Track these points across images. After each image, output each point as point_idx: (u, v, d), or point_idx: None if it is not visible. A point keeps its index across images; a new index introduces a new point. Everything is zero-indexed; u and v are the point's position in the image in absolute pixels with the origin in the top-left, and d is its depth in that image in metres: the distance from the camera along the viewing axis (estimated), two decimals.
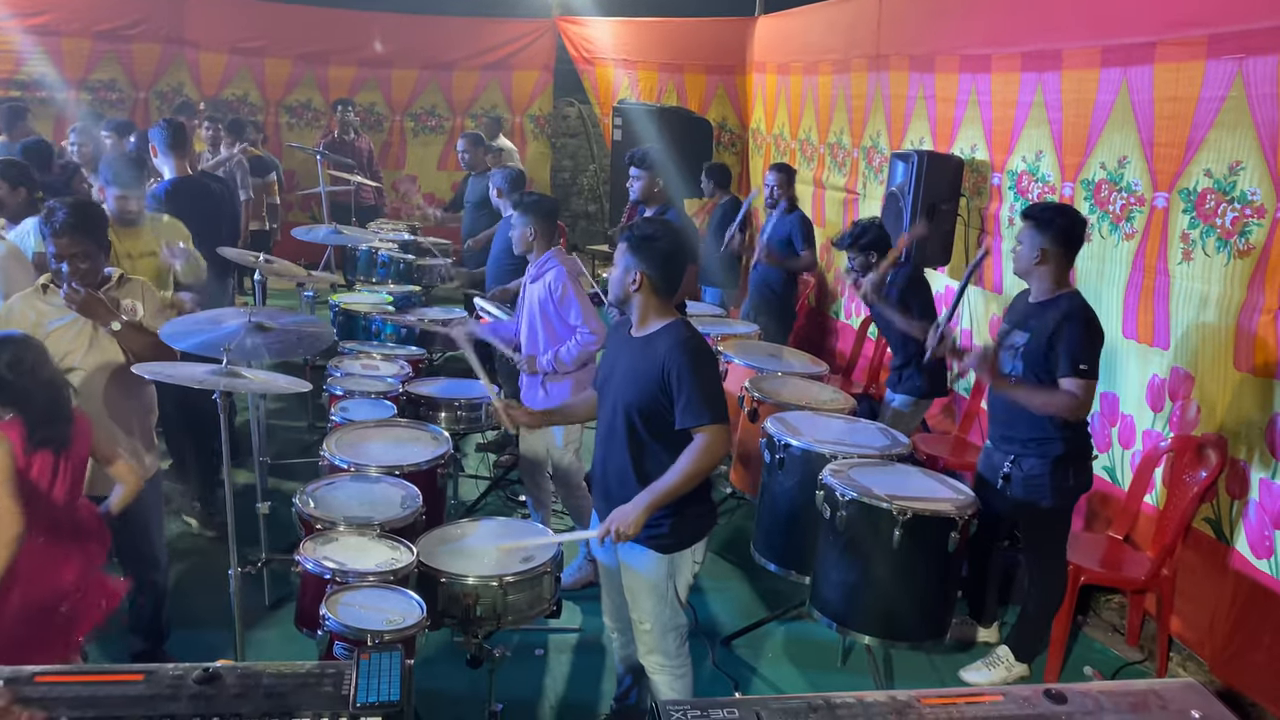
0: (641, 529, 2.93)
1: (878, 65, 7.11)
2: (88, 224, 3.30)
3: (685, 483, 2.92)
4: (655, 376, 2.94)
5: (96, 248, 3.32)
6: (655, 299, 3.04)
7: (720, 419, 2.93)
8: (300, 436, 6.08)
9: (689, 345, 2.96)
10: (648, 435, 2.99)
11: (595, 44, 11.30)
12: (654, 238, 3.02)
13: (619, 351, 3.14)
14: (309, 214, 10.65)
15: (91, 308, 3.24)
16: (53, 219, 3.27)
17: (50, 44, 10.31)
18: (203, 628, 3.97)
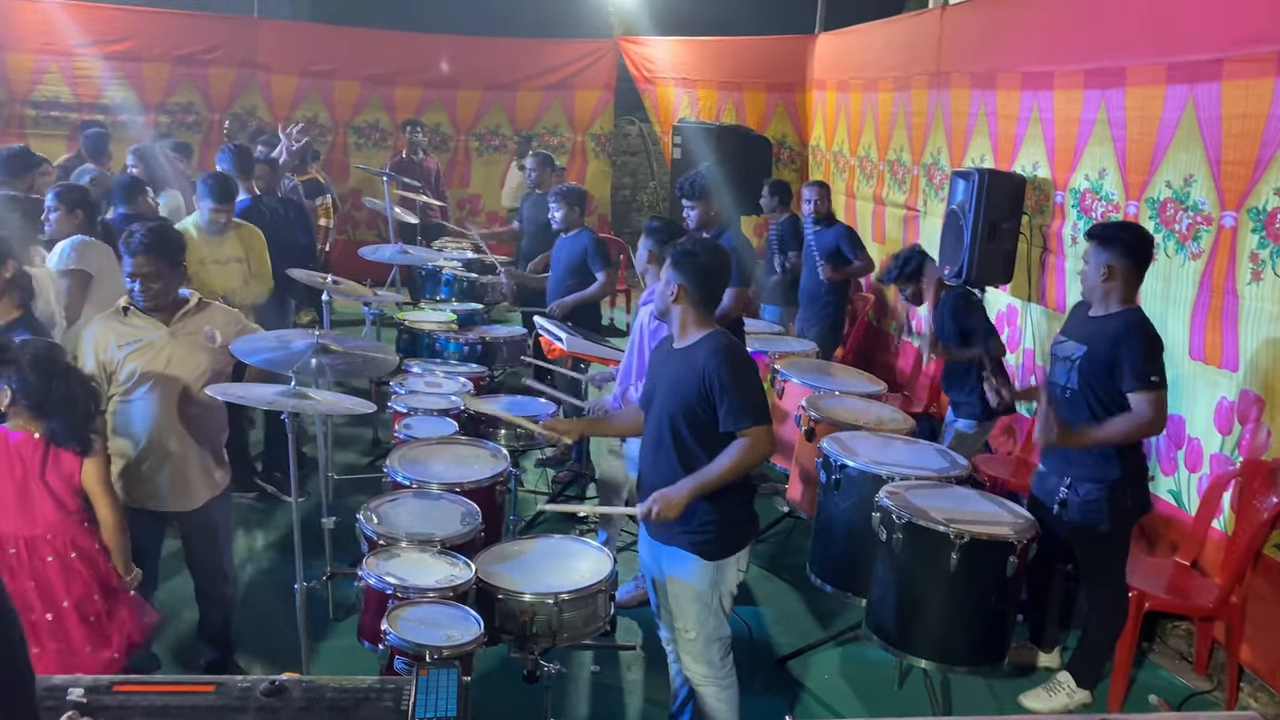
0: (679, 518, 3.03)
1: (938, 82, 7.07)
2: (163, 246, 3.45)
3: (727, 475, 3.02)
4: (696, 385, 3.04)
5: (170, 269, 3.47)
6: (694, 311, 3.15)
7: (762, 420, 3.04)
8: (365, 452, 6.21)
9: (726, 352, 3.06)
10: (693, 443, 3.08)
11: (655, 63, 11.40)
12: (693, 253, 3.15)
13: (663, 364, 3.25)
14: (376, 232, 10.90)
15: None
16: (130, 240, 3.43)
17: (131, 69, 10.72)
18: (269, 638, 4.09)
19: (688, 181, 5.35)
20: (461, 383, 5.10)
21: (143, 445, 3.42)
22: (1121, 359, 3.57)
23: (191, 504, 3.53)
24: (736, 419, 3.00)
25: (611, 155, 12.52)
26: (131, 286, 3.45)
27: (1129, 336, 3.59)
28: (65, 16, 10.42)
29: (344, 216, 11.16)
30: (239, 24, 11.13)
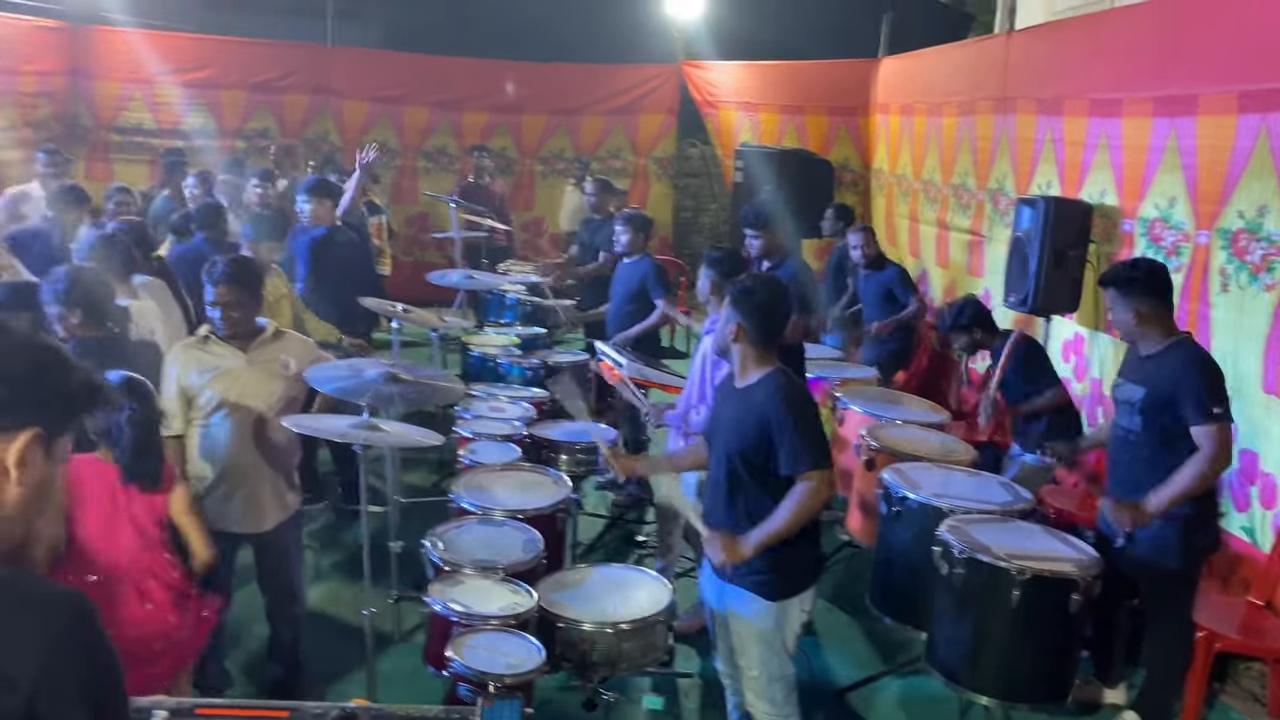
0: (743, 563, 3.03)
1: (1004, 108, 7.02)
2: (243, 277, 3.60)
3: (790, 526, 3.02)
4: (756, 425, 3.06)
5: (249, 299, 3.62)
6: (753, 350, 3.17)
7: (821, 464, 3.03)
8: (431, 472, 6.33)
9: (786, 392, 3.07)
10: (753, 482, 3.10)
11: (718, 87, 11.48)
12: (752, 291, 3.17)
13: (725, 402, 3.27)
14: (443, 254, 11.12)
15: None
16: (213, 270, 3.58)
17: (210, 96, 11.12)
18: (336, 658, 4.19)
19: (751, 211, 5.39)
20: (524, 408, 5.18)
21: (219, 469, 3.56)
22: (1182, 395, 3.52)
23: (264, 526, 3.66)
24: (795, 462, 3.01)
25: (673, 178, 12.61)
26: (212, 315, 3.60)
27: (1186, 371, 3.54)
28: (148, 46, 10.85)
29: (410, 239, 11.41)
30: (313, 51, 11.47)
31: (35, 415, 1.40)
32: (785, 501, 3.03)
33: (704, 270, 4.55)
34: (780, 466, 3.03)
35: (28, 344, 1.44)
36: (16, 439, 1.38)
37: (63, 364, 1.45)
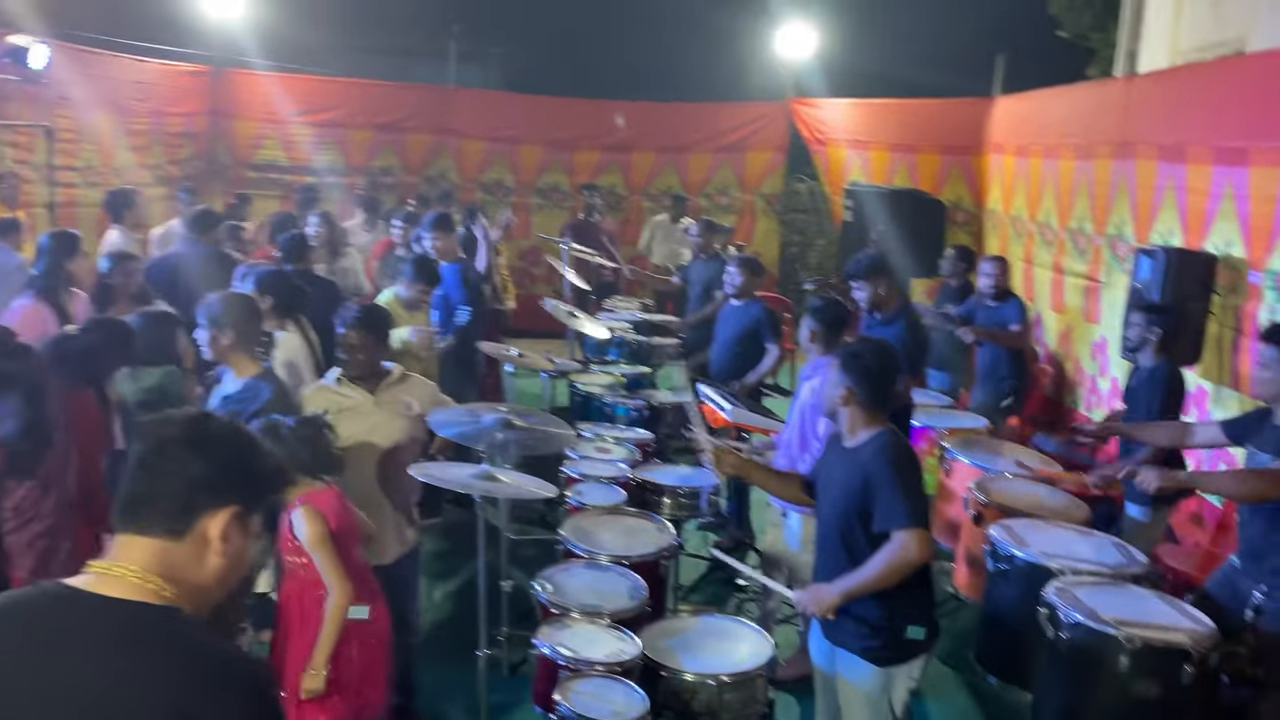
0: (852, 620, 3.08)
1: (1123, 153, 6.87)
2: (372, 323, 3.84)
3: (879, 580, 3.05)
4: (860, 484, 3.11)
5: (375, 343, 3.85)
6: (862, 412, 3.22)
7: (916, 523, 3.05)
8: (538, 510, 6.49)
9: (890, 450, 3.12)
10: (859, 541, 3.14)
11: (828, 125, 11.51)
12: (860, 355, 3.23)
13: (834, 461, 3.32)
14: (552, 288, 11.40)
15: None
16: (344, 315, 3.83)
17: (338, 135, 11.71)
18: (447, 688, 4.36)
19: (857, 262, 5.37)
20: (629, 449, 5.30)
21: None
22: None
23: (385, 559, 3.86)
24: (889, 518, 3.05)
25: (780, 213, 12.65)
26: (342, 356, 3.83)
27: None
28: (283, 89, 11.51)
29: (522, 272, 11.72)
30: (436, 93, 11.98)
31: (236, 495, 1.61)
32: (878, 555, 3.07)
33: (806, 319, 4.60)
34: (876, 522, 3.08)
35: (231, 431, 1.66)
36: (220, 515, 1.58)
37: (259, 450, 1.67)
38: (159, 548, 1.57)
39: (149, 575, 1.54)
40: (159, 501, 1.58)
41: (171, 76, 10.70)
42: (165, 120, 10.54)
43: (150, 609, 1.52)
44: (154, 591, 1.53)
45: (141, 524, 1.58)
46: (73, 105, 8.67)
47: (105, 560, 1.57)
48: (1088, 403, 7.39)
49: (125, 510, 1.60)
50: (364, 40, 14.54)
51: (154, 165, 10.27)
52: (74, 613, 1.51)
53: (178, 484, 1.58)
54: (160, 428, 1.62)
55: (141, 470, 1.60)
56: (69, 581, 1.56)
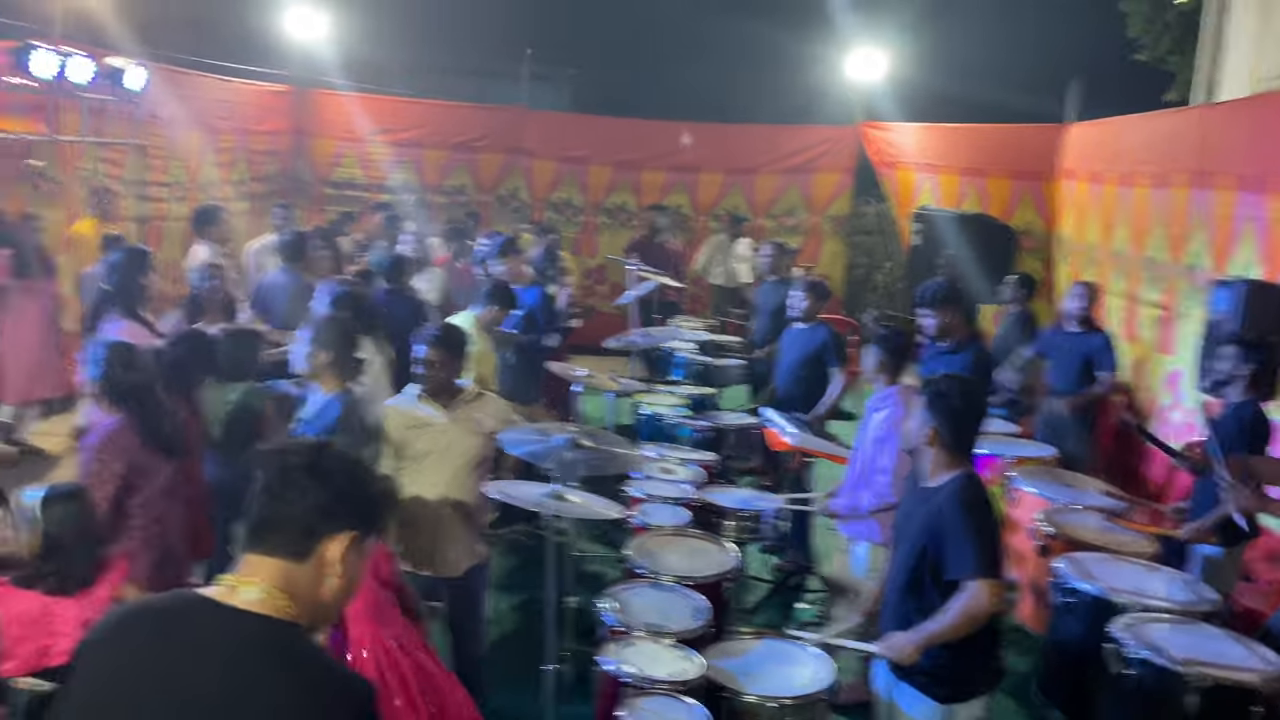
0: (911, 663, 3.07)
1: (1200, 182, 6.77)
2: (450, 342, 3.98)
3: (953, 630, 3.03)
4: (935, 526, 3.09)
5: (451, 361, 3.99)
6: (945, 453, 3.20)
7: (988, 574, 3.02)
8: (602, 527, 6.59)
9: (965, 496, 3.10)
10: (930, 582, 3.13)
11: (898, 148, 11.48)
12: (947, 394, 3.19)
13: (914, 501, 3.31)
14: (616, 307, 11.53)
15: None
16: (423, 334, 4.00)
17: (414, 154, 12.02)
18: (512, 699, 4.45)
19: (926, 290, 5.36)
20: (694, 470, 5.36)
21: (419, 516, 3.90)
22: None
23: (456, 571, 3.98)
24: (960, 566, 3.03)
25: (847, 235, 12.63)
26: (419, 373, 3.98)
27: None
28: (362, 109, 11.86)
29: (587, 290, 11.87)
30: (510, 114, 12.23)
31: (354, 521, 1.73)
32: (952, 604, 3.06)
33: (872, 347, 4.62)
34: (947, 569, 3.07)
35: (348, 460, 1.78)
36: (338, 540, 1.71)
37: (373, 476, 1.81)
38: (283, 568, 1.70)
39: (275, 592, 1.67)
40: (284, 527, 1.71)
41: (256, 96, 11.10)
42: (249, 138, 10.93)
43: (275, 623, 1.66)
44: (278, 607, 1.67)
45: (268, 546, 1.71)
46: (163, 123, 9.06)
47: (235, 575, 1.70)
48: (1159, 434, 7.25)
49: (253, 532, 1.73)
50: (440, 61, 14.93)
51: (238, 181, 10.66)
52: (207, 621, 1.65)
53: (301, 511, 1.70)
54: (284, 456, 1.74)
55: (267, 496, 1.72)
56: (203, 591, 1.71)
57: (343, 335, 4.00)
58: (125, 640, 1.69)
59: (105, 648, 1.70)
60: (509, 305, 5.53)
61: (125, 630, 1.71)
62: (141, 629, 1.70)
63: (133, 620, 1.73)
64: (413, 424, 3.93)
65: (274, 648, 1.65)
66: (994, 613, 3.13)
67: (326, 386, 3.95)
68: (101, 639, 1.72)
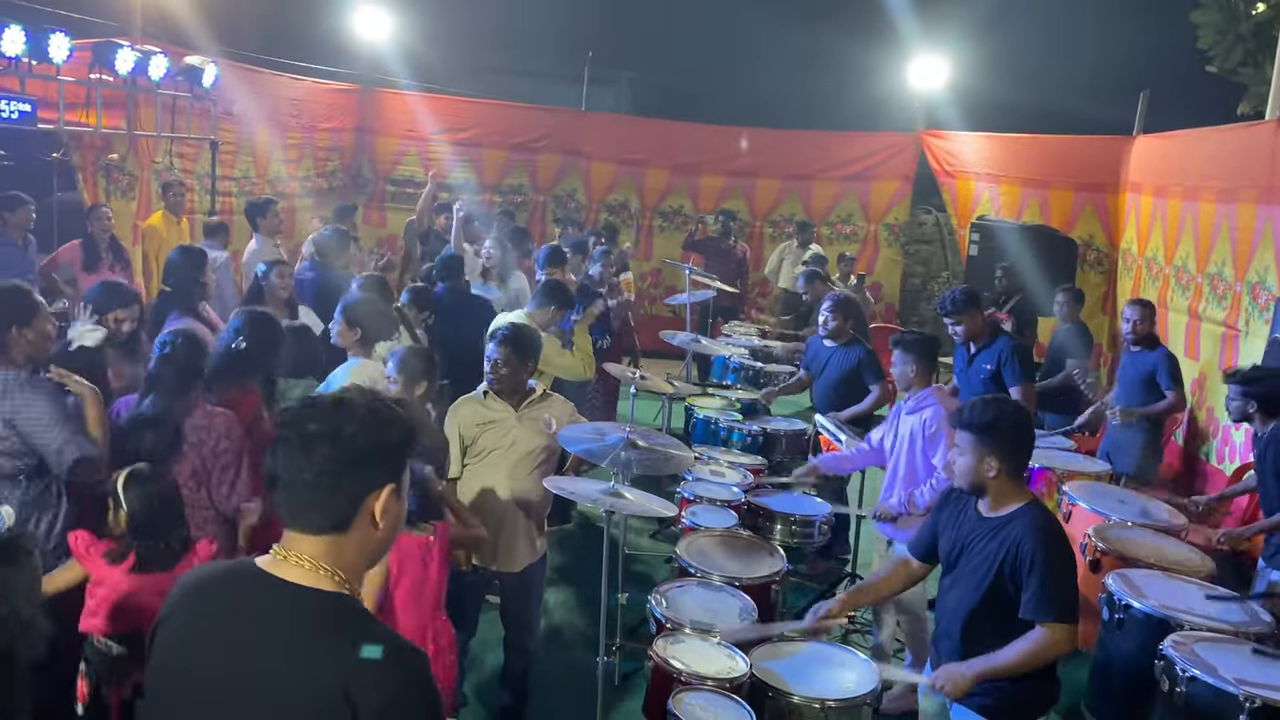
0: (969, 694, 3.06)
1: (1269, 198, 6.65)
2: (518, 342, 4.06)
3: (1017, 668, 3.01)
4: (1008, 560, 3.04)
5: (520, 364, 4.07)
6: (1010, 483, 3.13)
7: (1066, 619, 2.99)
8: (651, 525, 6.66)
9: (1046, 534, 3.03)
10: (992, 617, 3.10)
11: (958, 158, 11.40)
12: (997, 424, 3.08)
13: (968, 530, 3.21)
14: (670, 310, 11.59)
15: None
16: (494, 333, 4.11)
17: (474, 154, 12.18)
18: (559, 693, 4.54)
19: (946, 300, 5.49)
20: (743, 474, 5.40)
21: (483, 511, 3.99)
22: None
23: (515, 566, 4.08)
24: (1039, 608, 2.97)
25: (904, 244, 12.56)
26: (489, 373, 4.08)
27: None
28: (425, 108, 12.07)
29: (642, 293, 11.95)
30: (568, 116, 12.35)
31: (388, 473, 1.74)
32: (1019, 642, 3.01)
33: (900, 355, 4.65)
34: (1021, 608, 3.01)
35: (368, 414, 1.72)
36: (377, 496, 1.73)
37: (393, 417, 1.75)
38: (327, 542, 1.71)
39: (320, 563, 1.70)
40: (318, 506, 1.70)
41: (323, 94, 11.35)
42: (315, 135, 11.18)
43: (327, 596, 1.69)
44: (328, 577, 1.70)
45: (310, 526, 1.71)
46: (235, 119, 9.32)
47: (282, 547, 1.73)
48: (1219, 454, 7.14)
49: (290, 514, 1.73)
50: (501, 63, 15.09)
51: (304, 177, 10.91)
52: (264, 593, 1.70)
53: (333, 489, 1.69)
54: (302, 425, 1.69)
55: (297, 474, 1.68)
56: (258, 562, 1.75)
57: (372, 315, 4.11)
58: (192, 614, 1.75)
59: (173, 623, 1.76)
60: (565, 305, 5.62)
61: (191, 605, 1.76)
62: (205, 603, 1.76)
63: (196, 595, 1.78)
64: (481, 421, 4.03)
65: (328, 620, 1.68)
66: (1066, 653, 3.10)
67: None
68: (170, 614, 1.78)
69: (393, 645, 1.68)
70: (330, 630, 1.67)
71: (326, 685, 1.60)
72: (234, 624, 1.70)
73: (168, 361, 3.61)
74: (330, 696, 1.59)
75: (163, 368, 3.61)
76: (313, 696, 1.61)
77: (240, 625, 1.70)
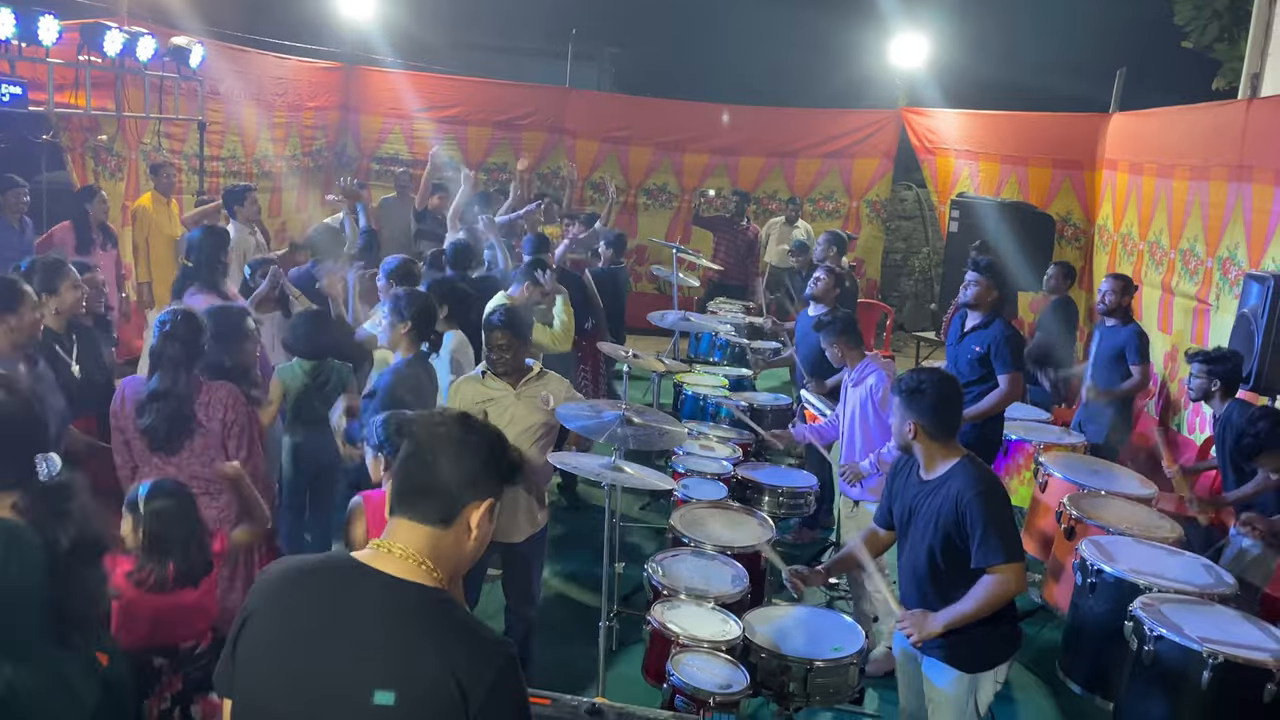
0: (934, 640, 3.28)
1: (1239, 176, 6.85)
2: (515, 324, 4.22)
3: (978, 613, 3.23)
4: (950, 518, 3.26)
5: (521, 343, 4.23)
6: (935, 444, 3.36)
7: (1014, 558, 3.21)
8: (643, 499, 6.84)
9: (980, 485, 3.25)
10: (947, 570, 3.33)
11: (938, 134, 11.54)
12: (919, 390, 3.33)
13: (913, 495, 3.45)
14: (655, 286, 11.74)
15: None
16: (492, 316, 4.24)
17: (459, 131, 12.22)
18: (558, 657, 4.72)
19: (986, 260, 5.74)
20: (733, 449, 5.58)
21: None
22: None
23: (516, 537, 4.23)
24: (988, 555, 3.20)
25: (885, 220, 12.73)
26: (489, 354, 4.22)
27: None
28: (409, 86, 12.09)
29: (628, 270, 12.06)
30: (552, 93, 12.40)
31: (493, 488, 1.88)
32: (975, 589, 3.24)
33: (823, 337, 5.01)
34: (972, 559, 3.23)
35: (489, 432, 1.90)
36: (480, 506, 1.86)
37: (507, 446, 1.92)
38: (430, 534, 1.82)
39: (422, 558, 1.81)
40: (435, 495, 1.83)
41: (308, 72, 11.36)
42: (301, 114, 11.20)
43: (428, 591, 1.80)
44: (427, 572, 1.81)
45: (418, 513, 1.83)
46: (221, 99, 9.34)
47: (385, 539, 1.84)
48: (1190, 425, 7.37)
49: (402, 499, 1.85)
50: (485, 40, 15.11)
51: (290, 156, 10.94)
52: (366, 587, 1.79)
53: (452, 481, 1.82)
54: (434, 427, 1.86)
55: (419, 464, 1.83)
56: (357, 556, 1.85)
57: (424, 309, 4.24)
58: (289, 607, 1.81)
59: (268, 616, 1.81)
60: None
61: (288, 597, 1.82)
62: (304, 595, 1.82)
63: (292, 588, 1.84)
64: (481, 399, 4.18)
65: (431, 614, 1.78)
66: (1018, 594, 3.32)
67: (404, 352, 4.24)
68: (263, 608, 1.83)
69: (490, 636, 1.81)
70: (437, 624, 1.77)
71: (438, 677, 1.70)
72: (338, 618, 1.76)
73: (170, 339, 3.69)
74: (444, 687, 1.69)
75: (165, 345, 3.70)
76: (427, 688, 1.70)
77: (345, 619, 1.76)
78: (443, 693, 1.70)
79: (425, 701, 1.71)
